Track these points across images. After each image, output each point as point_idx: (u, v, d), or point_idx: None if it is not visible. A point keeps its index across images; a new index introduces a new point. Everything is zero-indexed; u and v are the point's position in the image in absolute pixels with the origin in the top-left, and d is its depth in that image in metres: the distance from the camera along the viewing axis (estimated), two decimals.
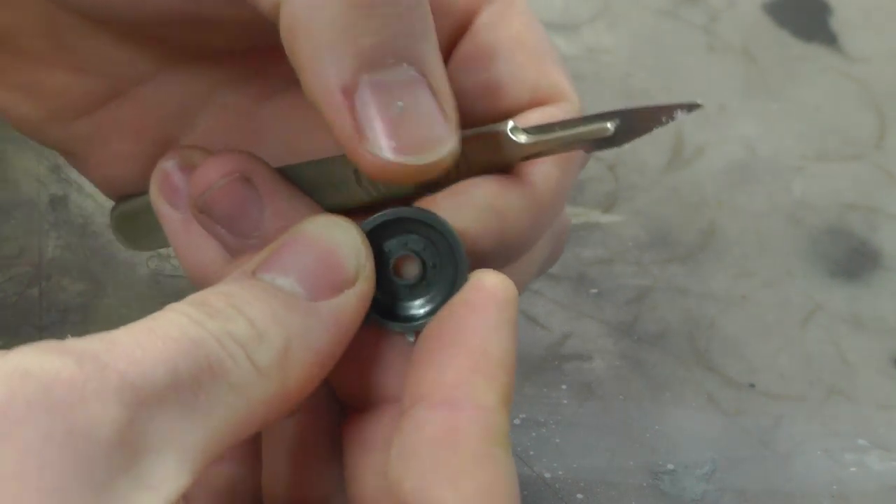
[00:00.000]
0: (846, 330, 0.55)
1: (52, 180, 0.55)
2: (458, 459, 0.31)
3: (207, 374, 0.30)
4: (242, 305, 0.32)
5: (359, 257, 0.34)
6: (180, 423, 0.29)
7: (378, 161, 0.32)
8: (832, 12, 0.68)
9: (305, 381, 0.32)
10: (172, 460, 0.29)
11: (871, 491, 0.50)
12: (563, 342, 0.53)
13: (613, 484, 0.49)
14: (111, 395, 0.28)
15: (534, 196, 0.36)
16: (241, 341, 0.31)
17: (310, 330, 0.32)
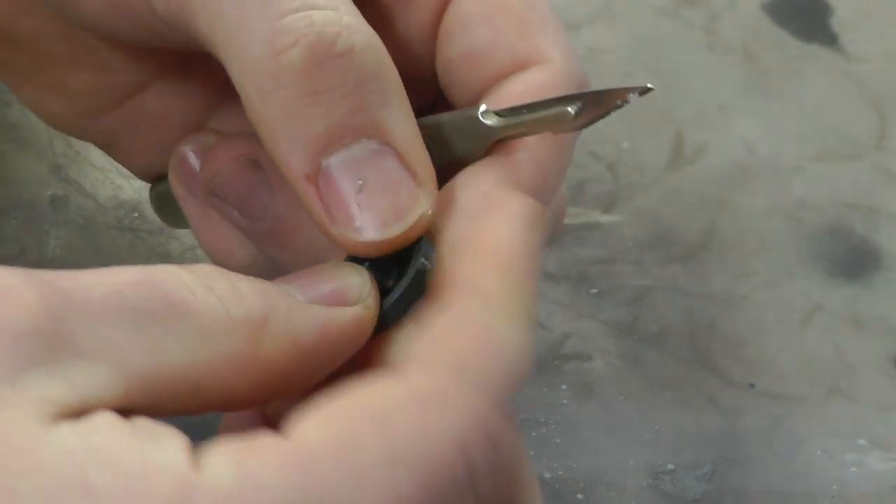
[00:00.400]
0: (846, 330, 0.55)
1: (52, 180, 0.55)
2: (439, 323, 0.30)
3: (165, 307, 0.29)
4: (232, 277, 0.31)
5: (363, 290, 0.33)
6: (123, 342, 0.29)
7: (350, 242, 0.33)
8: (832, 12, 0.68)
9: (279, 363, 0.31)
10: (104, 368, 0.28)
11: (871, 491, 0.50)
12: (563, 342, 0.53)
13: (613, 484, 0.49)
14: (29, 288, 0.28)
15: (527, 180, 0.35)
16: (218, 294, 0.30)
17: (295, 318, 0.31)
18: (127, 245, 0.53)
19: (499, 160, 0.36)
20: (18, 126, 0.57)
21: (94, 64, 0.39)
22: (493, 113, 0.35)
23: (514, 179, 0.35)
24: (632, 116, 0.62)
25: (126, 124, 0.41)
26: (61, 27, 0.38)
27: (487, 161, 0.36)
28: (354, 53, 0.33)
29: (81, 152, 0.56)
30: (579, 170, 0.59)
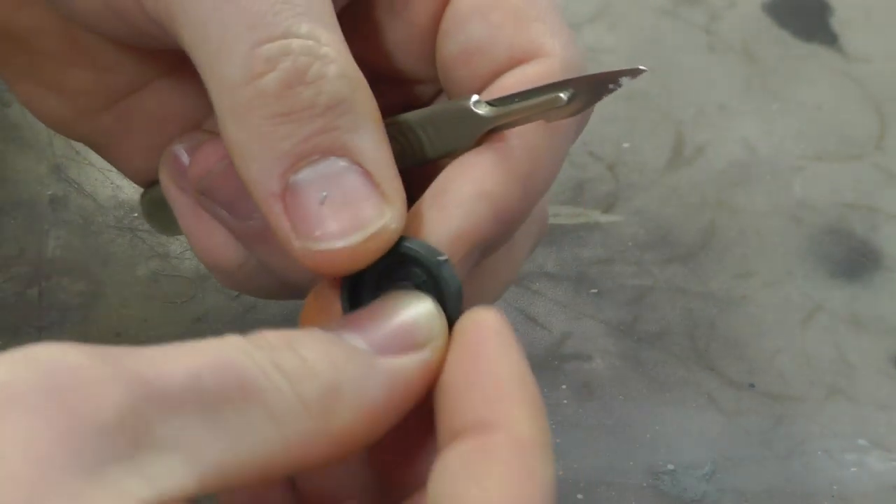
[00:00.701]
0: (846, 330, 0.55)
1: (52, 180, 0.55)
2: (489, 469, 0.30)
3: (237, 392, 0.29)
4: (298, 345, 0.31)
5: (433, 326, 0.33)
6: (198, 431, 0.29)
7: (307, 253, 0.33)
8: (832, 12, 0.68)
9: (351, 431, 0.31)
10: (179, 461, 0.29)
11: (871, 491, 0.50)
12: (563, 342, 0.53)
13: (613, 484, 0.49)
14: (117, 382, 0.28)
15: (519, 167, 0.35)
16: (287, 373, 0.30)
17: (365, 379, 0.31)
18: (127, 245, 0.53)
19: (491, 147, 0.36)
20: (18, 126, 0.57)
21: (91, 62, 0.39)
22: (484, 103, 0.35)
23: (505, 167, 0.35)
24: (632, 116, 0.62)
25: (121, 124, 0.41)
26: (59, 24, 0.38)
27: (479, 150, 0.36)
28: (326, 80, 0.33)
29: (81, 152, 0.56)
30: (579, 170, 0.59)
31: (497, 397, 0.31)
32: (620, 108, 0.62)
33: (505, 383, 0.31)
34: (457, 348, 0.33)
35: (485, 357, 0.32)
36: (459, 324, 0.33)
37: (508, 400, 0.31)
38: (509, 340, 0.32)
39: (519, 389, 0.31)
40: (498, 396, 0.31)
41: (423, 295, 0.34)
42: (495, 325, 0.32)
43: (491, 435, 0.30)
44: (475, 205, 0.35)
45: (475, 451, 0.31)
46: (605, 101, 0.35)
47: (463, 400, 0.32)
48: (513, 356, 0.32)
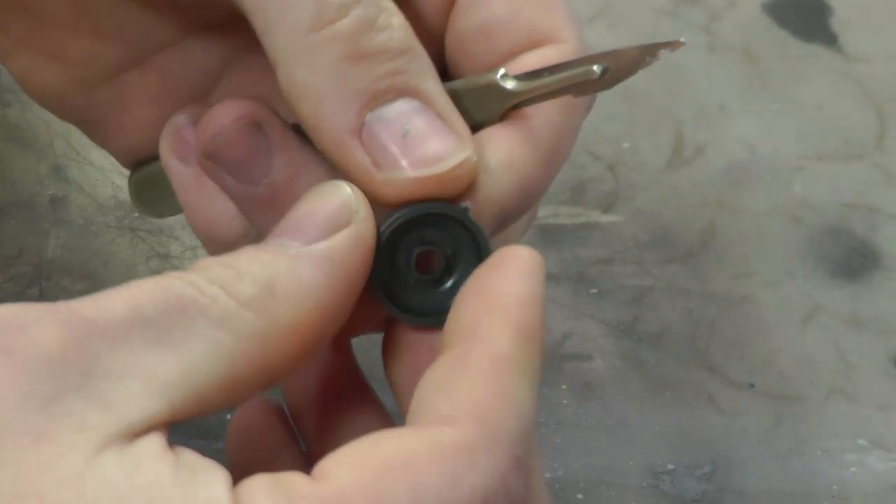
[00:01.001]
0: (846, 330, 0.55)
1: (52, 180, 0.55)
2: (459, 377, 0.31)
3: (178, 311, 0.30)
4: (226, 259, 0.32)
5: (350, 206, 0.34)
6: (148, 355, 0.30)
7: (398, 183, 0.34)
8: (832, 12, 0.68)
9: (302, 318, 0.32)
10: (137, 388, 0.29)
11: (871, 491, 0.50)
12: (563, 342, 0.53)
13: (613, 484, 0.49)
14: (54, 320, 0.29)
15: (542, 143, 0.36)
16: (218, 282, 0.31)
17: (297, 267, 0.32)
18: (127, 245, 0.53)
19: (514, 124, 0.36)
20: (18, 126, 0.57)
21: (95, 30, 0.39)
22: (511, 77, 0.36)
23: (531, 141, 0.36)
24: (632, 116, 0.62)
25: (119, 99, 0.41)
26: None
27: (504, 124, 0.36)
28: (394, 29, 0.34)
29: (81, 152, 0.56)
30: (579, 170, 0.59)
31: (490, 311, 0.32)
32: (620, 108, 0.62)
33: (505, 300, 0.32)
34: (480, 270, 0.33)
35: (497, 276, 0.33)
36: (496, 253, 0.34)
37: (501, 316, 0.32)
38: (532, 272, 0.33)
39: (517, 310, 0.32)
40: (491, 311, 0.32)
41: (336, 182, 0.34)
42: (525, 256, 0.33)
43: (470, 346, 0.31)
44: (503, 175, 0.35)
45: (452, 361, 0.31)
46: (606, 100, 0.36)
47: (464, 310, 0.32)
48: (527, 283, 0.32)
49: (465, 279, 0.35)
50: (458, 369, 0.31)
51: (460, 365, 0.31)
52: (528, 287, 0.32)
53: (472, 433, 0.30)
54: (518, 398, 0.31)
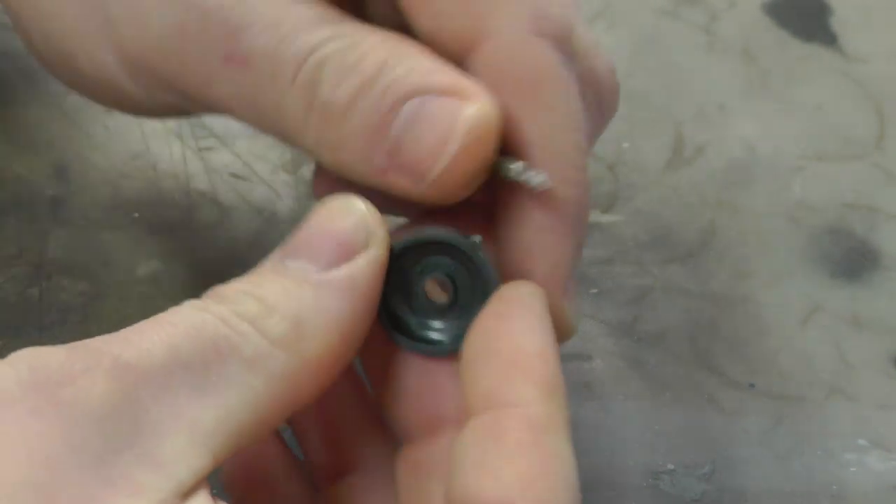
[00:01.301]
0: (846, 330, 0.55)
1: (52, 180, 0.55)
2: (499, 450, 0.30)
3: (213, 353, 0.30)
4: (251, 289, 0.32)
5: (367, 226, 0.34)
6: (191, 404, 0.29)
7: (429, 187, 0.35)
8: (832, 12, 0.68)
9: (327, 352, 0.32)
10: (184, 441, 0.29)
11: (871, 491, 0.50)
12: (563, 342, 0.53)
13: (613, 484, 0.49)
14: (101, 371, 0.28)
15: (575, 231, 0.37)
16: (248, 318, 0.31)
17: (323, 298, 0.32)
18: (127, 245, 0.53)
19: (543, 214, 0.36)
20: (18, 126, 0.57)
21: None
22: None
23: (566, 234, 0.37)
24: (632, 116, 0.62)
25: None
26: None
27: (535, 221, 0.36)
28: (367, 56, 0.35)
29: (81, 152, 0.56)
30: None
31: (511, 372, 0.32)
32: (620, 108, 0.62)
33: (524, 358, 0.32)
34: (485, 317, 0.33)
35: (509, 327, 0.32)
36: (496, 294, 0.34)
37: (524, 376, 0.31)
38: (541, 315, 0.33)
39: (539, 366, 0.32)
40: (512, 371, 0.32)
41: (351, 199, 0.34)
42: (527, 298, 0.33)
43: (501, 415, 0.31)
44: (556, 283, 0.36)
45: (484, 432, 0.31)
46: None
47: (482, 370, 0.32)
48: (539, 332, 0.32)
49: (469, 312, 0.35)
50: (495, 443, 0.31)
51: (496, 437, 0.31)
52: (541, 336, 0.32)
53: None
54: (562, 461, 0.31)
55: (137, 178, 0.50)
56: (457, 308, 0.36)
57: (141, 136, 0.57)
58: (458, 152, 0.34)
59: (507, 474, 0.30)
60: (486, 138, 0.34)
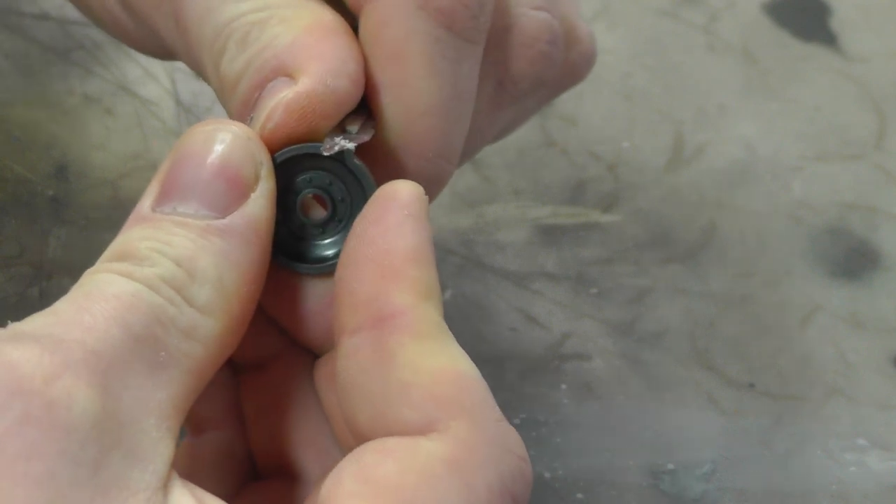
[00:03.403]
0: (846, 330, 0.55)
1: (52, 180, 0.55)
2: (395, 372, 0.31)
3: (157, 325, 0.30)
4: (161, 247, 0.31)
5: (254, 156, 0.33)
6: (148, 384, 0.29)
7: (262, 134, 0.34)
8: (832, 12, 0.68)
9: (247, 302, 0.32)
10: (153, 428, 0.29)
11: (870, 491, 0.50)
12: (563, 342, 0.53)
13: (613, 484, 0.49)
14: (79, 367, 0.28)
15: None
16: (174, 285, 0.31)
17: (232, 249, 0.32)
18: None
19: None
20: (18, 126, 0.57)
21: None
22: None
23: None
24: (632, 116, 0.62)
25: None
26: None
27: None
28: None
29: (82, 153, 0.56)
30: (579, 170, 0.59)
31: (386, 279, 0.31)
32: (620, 108, 0.62)
33: (396, 262, 0.32)
34: (359, 222, 0.33)
35: (379, 232, 0.32)
36: (374, 195, 0.33)
37: (399, 285, 0.31)
38: (411, 214, 0.32)
39: (412, 269, 0.32)
40: (387, 278, 0.31)
41: (225, 127, 0.34)
42: (405, 197, 0.33)
43: (384, 333, 0.31)
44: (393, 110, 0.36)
45: (373, 355, 0.31)
46: (606, 100, 0.36)
47: (356, 279, 0.32)
48: (409, 231, 0.32)
49: (350, 222, 0.34)
50: (386, 363, 0.31)
51: (385, 356, 0.31)
52: (413, 237, 0.32)
53: (456, 429, 0.30)
54: (461, 365, 0.31)
55: (137, 178, 0.50)
56: (336, 221, 0.36)
57: (141, 136, 0.57)
58: (276, 126, 0.34)
59: (417, 398, 0.30)
60: (301, 113, 0.34)
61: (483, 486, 0.29)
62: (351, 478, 0.29)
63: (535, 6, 0.39)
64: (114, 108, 0.57)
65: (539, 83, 0.40)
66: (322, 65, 0.34)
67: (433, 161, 0.36)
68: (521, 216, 0.57)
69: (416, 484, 0.29)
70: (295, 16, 0.35)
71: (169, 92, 0.58)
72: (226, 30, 0.35)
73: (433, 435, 0.30)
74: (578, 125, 0.60)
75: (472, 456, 0.29)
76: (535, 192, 0.58)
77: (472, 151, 0.41)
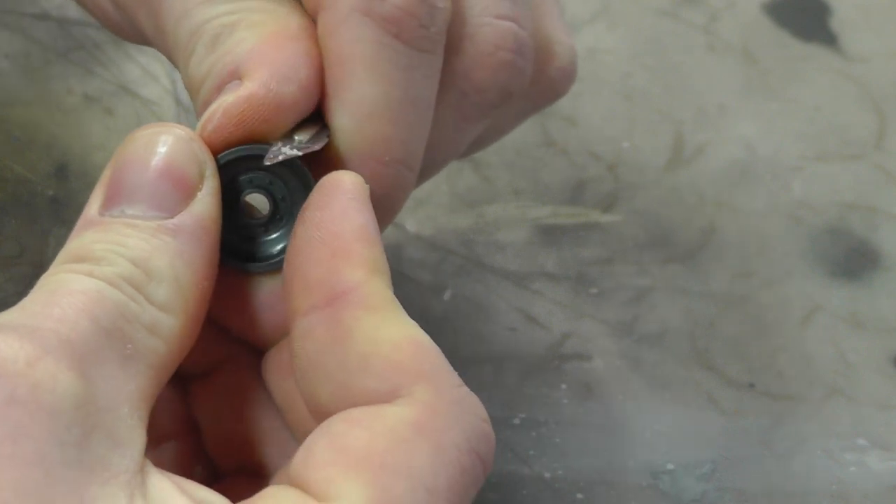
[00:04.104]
0: (846, 330, 0.55)
1: (52, 180, 0.55)
2: (353, 345, 0.31)
3: (123, 319, 0.31)
4: (116, 248, 0.32)
5: (197, 157, 0.34)
6: (120, 375, 0.30)
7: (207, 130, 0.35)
8: (832, 12, 0.68)
9: (202, 298, 0.33)
10: (127, 414, 0.30)
11: (870, 491, 0.50)
12: (563, 342, 0.53)
13: (613, 484, 0.49)
14: (57, 352, 0.29)
15: None
16: (133, 283, 0.31)
17: (184, 247, 0.33)
18: None
19: None
20: (18, 126, 0.57)
21: None
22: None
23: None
24: (632, 116, 0.62)
25: None
26: None
27: None
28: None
29: (82, 153, 0.56)
30: (579, 170, 0.59)
31: (336, 258, 0.32)
32: (620, 108, 0.62)
33: (344, 243, 0.32)
34: (304, 210, 0.34)
35: (326, 215, 0.33)
36: (317, 185, 0.34)
37: (349, 262, 0.32)
38: (355, 197, 0.33)
39: (360, 247, 0.32)
40: (338, 257, 0.32)
41: (165, 129, 0.34)
42: (343, 184, 0.33)
43: (340, 310, 0.32)
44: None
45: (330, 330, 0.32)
46: (606, 100, 0.36)
47: (306, 262, 0.33)
48: (354, 212, 0.33)
49: (292, 217, 0.35)
50: (342, 338, 0.31)
51: (341, 334, 0.31)
52: (359, 217, 0.33)
53: (420, 394, 0.31)
54: (416, 334, 0.32)
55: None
56: (278, 219, 0.36)
57: None
58: (215, 127, 0.34)
59: (379, 366, 0.31)
60: (240, 117, 0.35)
61: (451, 446, 0.30)
62: (322, 448, 0.30)
63: (499, 15, 0.39)
64: (114, 108, 0.57)
65: (506, 94, 0.40)
66: (269, 70, 0.35)
67: (390, 165, 0.37)
68: (521, 216, 0.57)
69: (387, 448, 0.30)
70: (263, 21, 0.36)
71: (169, 92, 0.58)
72: (196, 32, 0.36)
73: (398, 401, 0.31)
74: (578, 125, 0.60)
75: (438, 418, 0.30)
76: (534, 192, 0.58)
77: (443, 162, 0.42)
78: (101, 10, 0.42)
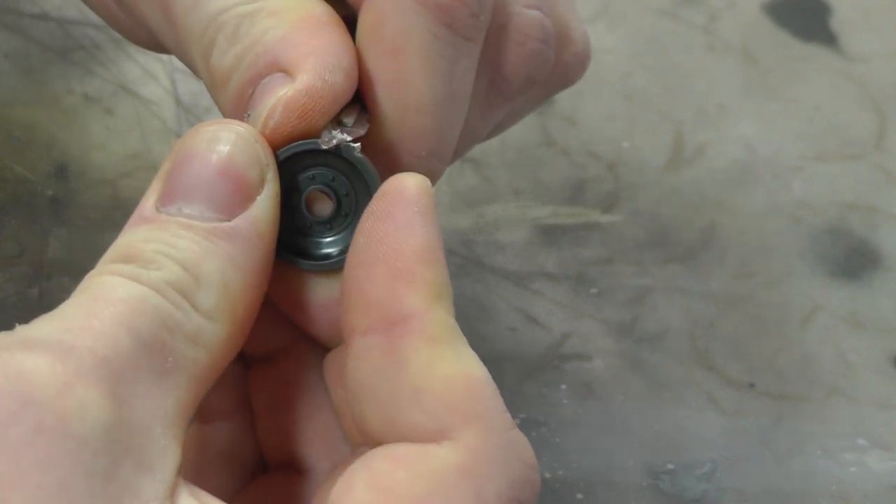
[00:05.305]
0: (846, 330, 0.55)
1: (52, 180, 0.55)
2: (407, 377, 0.30)
3: (164, 330, 0.30)
4: (167, 250, 0.31)
5: (260, 159, 0.33)
6: (155, 391, 0.29)
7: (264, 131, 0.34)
8: (832, 12, 0.68)
9: (252, 306, 0.32)
10: (160, 436, 0.29)
11: (870, 491, 0.50)
12: (563, 342, 0.53)
13: (613, 484, 0.49)
14: (90, 375, 0.28)
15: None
16: (180, 289, 0.31)
17: (237, 252, 0.32)
18: None
19: None
20: (18, 126, 0.57)
21: None
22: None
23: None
24: (632, 116, 0.62)
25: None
26: None
27: None
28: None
29: (82, 153, 0.56)
30: (579, 170, 0.59)
31: (396, 279, 0.31)
32: (620, 108, 0.62)
33: (406, 262, 0.31)
34: (365, 218, 0.33)
35: (387, 229, 0.32)
36: (380, 190, 0.33)
37: (411, 286, 0.31)
38: (419, 210, 0.32)
39: (422, 269, 0.31)
40: (397, 278, 0.31)
41: (229, 126, 0.33)
42: (412, 193, 0.32)
43: (397, 336, 0.31)
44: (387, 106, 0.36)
45: (386, 360, 0.31)
46: (606, 100, 0.36)
47: (365, 279, 0.32)
48: (418, 228, 0.32)
49: (356, 217, 0.34)
50: (399, 372, 0.31)
51: (398, 366, 0.31)
52: (422, 234, 0.32)
53: (468, 437, 0.30)
54: (473, 370, 0.31)
55: (137, 178, 0.50)
56: (342, 216, 0.36)
57: (141, 136, 0.57)
58: (277, 124, 0.34)
59: (429, 403, 0.30)
60: (302, 111, 0.34)
61: (493, 495, 0.29)
62: (362, 485, 0.29)
63: (528, 4, 0.39)
64: (114, 108, 0.57)
65: (531, 82, 0.40)
66: (318, 60, 0.34)
67: (425, 159, 0.36)
68: (521, 216, 0.57)
69: (428, 493, 0.29)
70: (285, 8, 0.35)
71: (169, 92, 0.58)
72: (214, 22, 0.35)
73: (445, 443, 0.30)
74: (578, 125, 0.60)
75: (483, 464, 0.30)
76: (534, 192, 0.58)
77: (464, 150, 0.41)
78: (107, 11, 0.41)
